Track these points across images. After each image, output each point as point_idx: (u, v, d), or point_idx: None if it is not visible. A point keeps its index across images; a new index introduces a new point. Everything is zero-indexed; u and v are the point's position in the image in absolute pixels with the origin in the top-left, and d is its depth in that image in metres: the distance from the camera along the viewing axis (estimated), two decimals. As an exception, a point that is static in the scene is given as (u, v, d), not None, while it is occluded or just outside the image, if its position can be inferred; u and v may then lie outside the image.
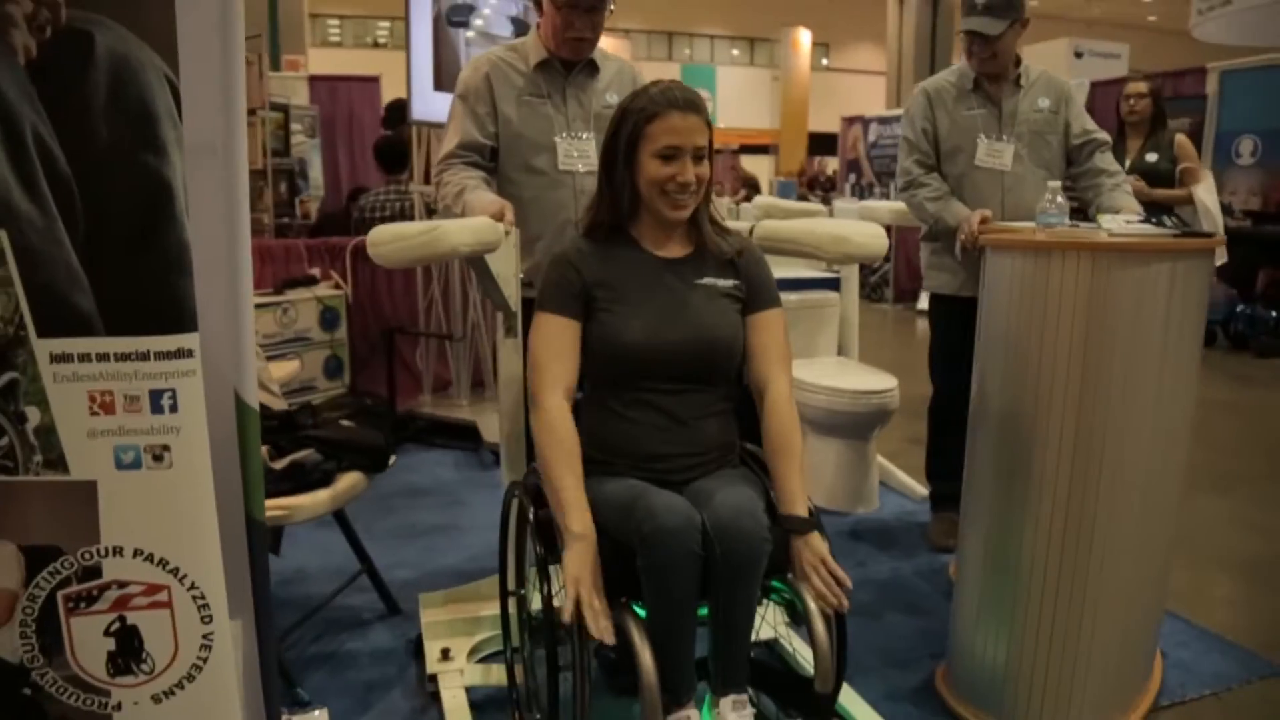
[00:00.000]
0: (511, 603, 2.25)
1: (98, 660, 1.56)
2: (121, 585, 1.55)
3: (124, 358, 1.47)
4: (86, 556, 1.53)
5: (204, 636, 1.60)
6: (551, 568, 1.78)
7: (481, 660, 2.71)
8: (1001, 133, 3.00)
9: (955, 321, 3.12)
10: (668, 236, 1.84)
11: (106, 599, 1.55)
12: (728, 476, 1.78)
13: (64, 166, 1.38)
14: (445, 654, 2.59)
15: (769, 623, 2.19)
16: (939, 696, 2.58)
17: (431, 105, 4.56)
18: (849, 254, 2.27)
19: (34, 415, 1.47)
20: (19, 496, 1.48)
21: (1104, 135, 3.07)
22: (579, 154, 2.31)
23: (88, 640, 1.55)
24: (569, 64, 2.45)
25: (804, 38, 22.00)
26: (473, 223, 1.98)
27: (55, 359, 1.45)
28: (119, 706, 1.58)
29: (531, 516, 1.87)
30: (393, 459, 2.70)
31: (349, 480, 2.62)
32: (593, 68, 2.46)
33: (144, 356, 1.47)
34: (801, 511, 1.73)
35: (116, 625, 1.56)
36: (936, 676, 2.69)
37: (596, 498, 1.82)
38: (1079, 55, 11.39)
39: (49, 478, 1.49)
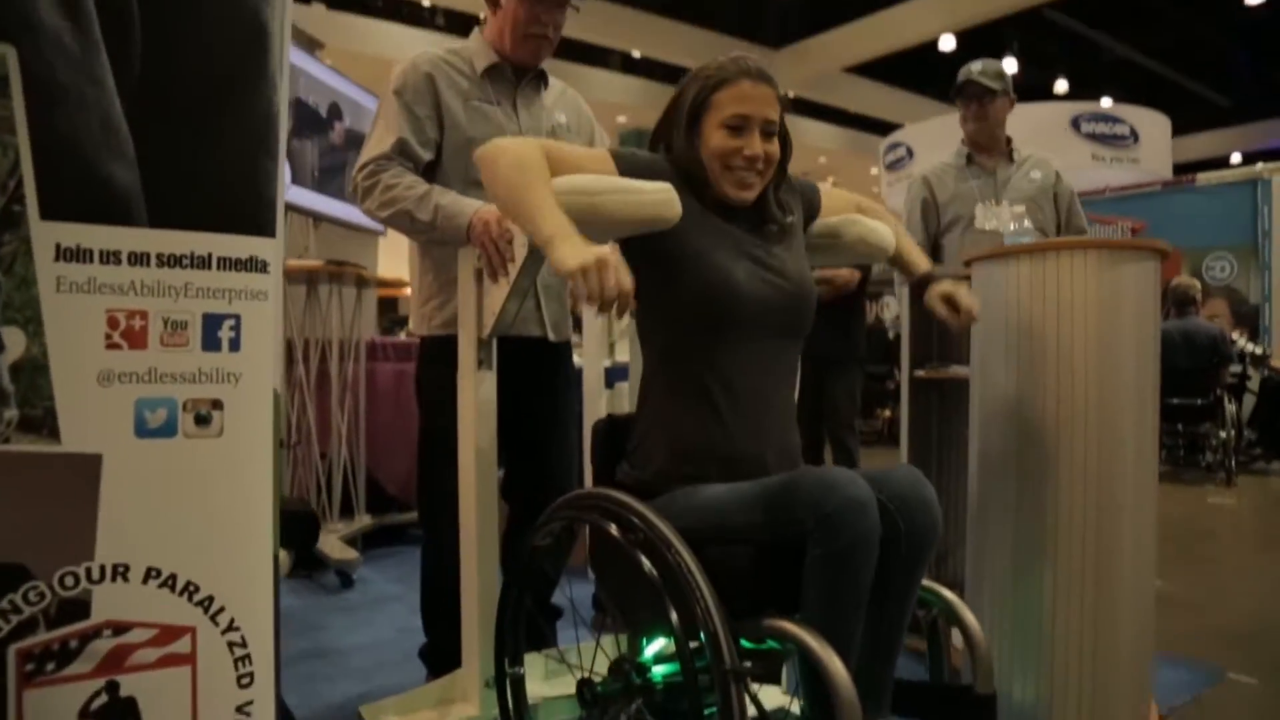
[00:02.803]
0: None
1: (58, 765, 0.96)
2: (118, 630, 0.98)
3: (172, 262, 0.98)
4: (66, 583, 0.96)
5: (240, 709, 1.04)
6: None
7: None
8: (998, 199, 3.13)
9: None
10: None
11: (92, 655, 0.97)
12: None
13: (121, -27, 0.95)
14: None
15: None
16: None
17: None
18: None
19: (15, 342, 0.92)
20: (-33, 477, 0.91)
21: (1084, 226, 3.30)
22: None
23: (48, 729, 0.95)
24: (519, 71, 2.21)
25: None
26: (643, 184, 1.50)
27: (64, 255, 0.94)
28: (83, 844, 0.97)
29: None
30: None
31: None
32: (541, 79, 2.25)
33: (203, 263, 1.00)
34: (931, 267, 1.94)
35: (102, 699, 0.98)
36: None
37: (700, 508, 1.48)
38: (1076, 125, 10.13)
39: (25, 447, 0.93)
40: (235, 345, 1.02)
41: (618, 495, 1.54)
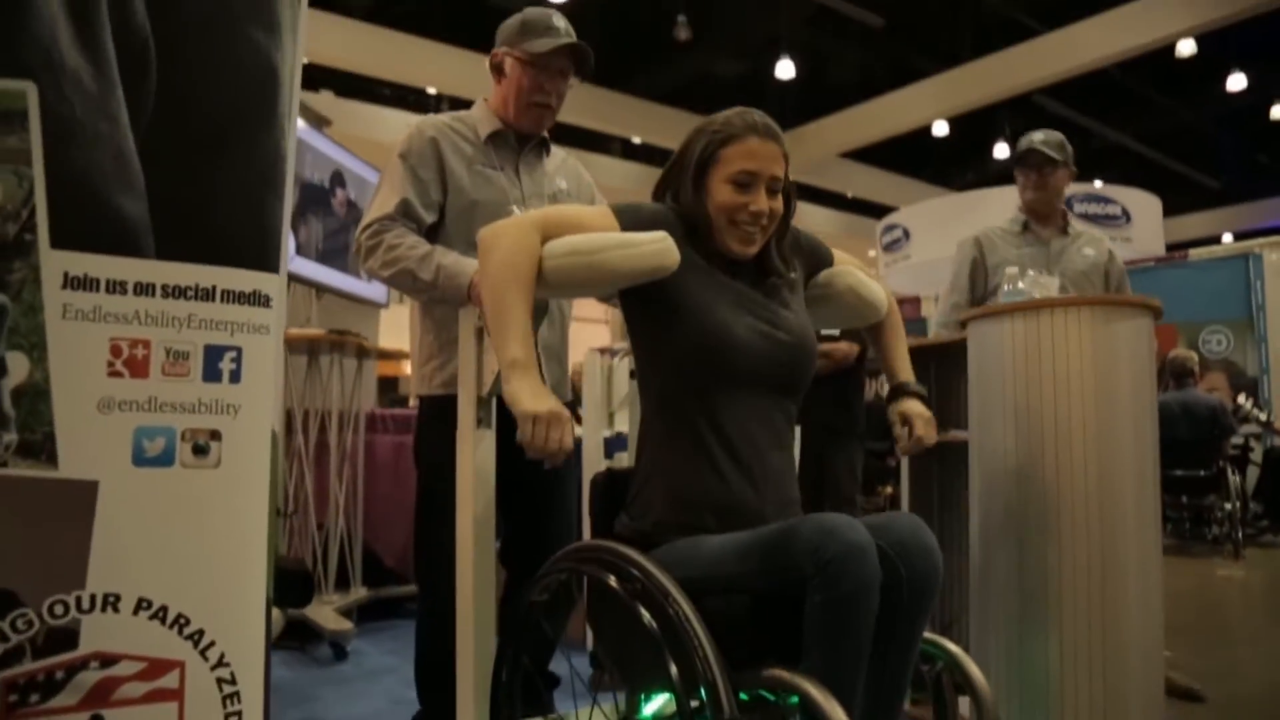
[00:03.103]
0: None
1: (37, 803, 0.93)
2: (106, 662, 0.96)
3: (176, 293, 1.00)
4: (57, 611, 0.95)
5: (225, 750, 1.02)
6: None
7: None
8: (1050, 269, 3.04)
9: None
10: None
11: (77, 687, 0.95)
12: None
13: (142, 20, 0.99)
14: None
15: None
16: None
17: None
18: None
19: (18, 367, 0.94)
20: (-37, 500, 0.91)
21: None
22: None
23: (28, 765, 0.93)
24: (522, 138, 2.28)
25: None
26: (642, 237, 1.55)
27: (71, 283, 0.96)
28: None
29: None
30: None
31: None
32: (544, 146, 2.31)
33: (206, 295, 1.02)
34: (910, 379, 1.86)
35: (84, 734, 0.96)
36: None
37: (699, 557, 1.46)
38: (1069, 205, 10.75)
39: (22, 471, 0.94)
40: (236, 377, 1.03)
41: (616, 546, 1.52)
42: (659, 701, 1.60)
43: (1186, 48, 8.00)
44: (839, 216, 13.47)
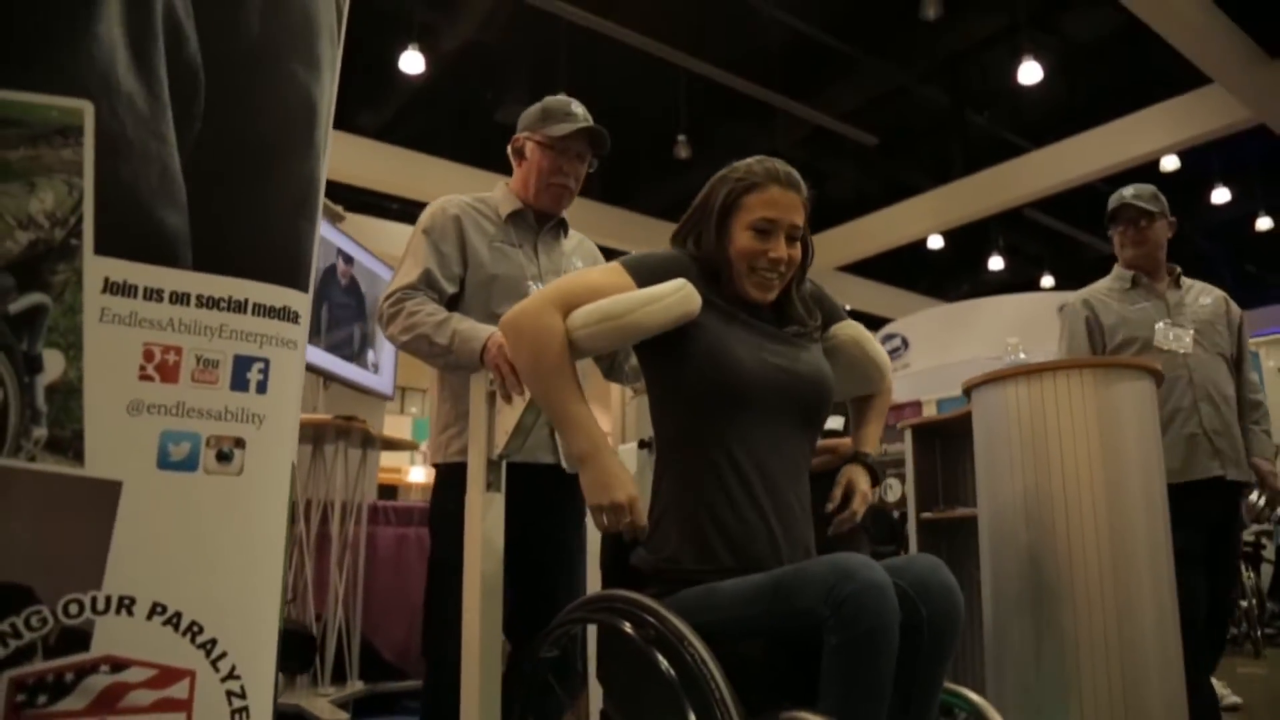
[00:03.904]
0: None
1: (35, 814, 0.90)
2: (116, 667, 0.95)
3: (210, 304, 1.04)
4: (72, 610, 0.94)
5: (231, 768, 0.99)
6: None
7: None
8: (1174, 321, 2.86)
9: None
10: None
11: (86, 691, 0.93)
12: None
13: (194, 50, 1.06)
14: None
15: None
16: None
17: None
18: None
19: (54, 364, 0.96)
20: (-11, 492, 0.92)
21: (1249, 361, 3.05)
22: None
23: (30, 771, 0.90)
24: (541, 218, 2.36)
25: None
26: (663, 290, 1.58)
27: (111, 288, 0.99)
28: None
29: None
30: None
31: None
32: (562, 227, 2.40)
33: (239, 307, 1.05)
34: (873, 452, 1.80)
35: (89, 742, 0.93)
36: None
37: (713, 604, 1.44)
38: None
39: (48, 467, 0.95)
40: (262, 388, 1.05)
41: (628, 594, 1.50)
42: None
43: (1170, 163, 8.32)
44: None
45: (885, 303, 11.56)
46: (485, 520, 1.88)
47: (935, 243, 10.12)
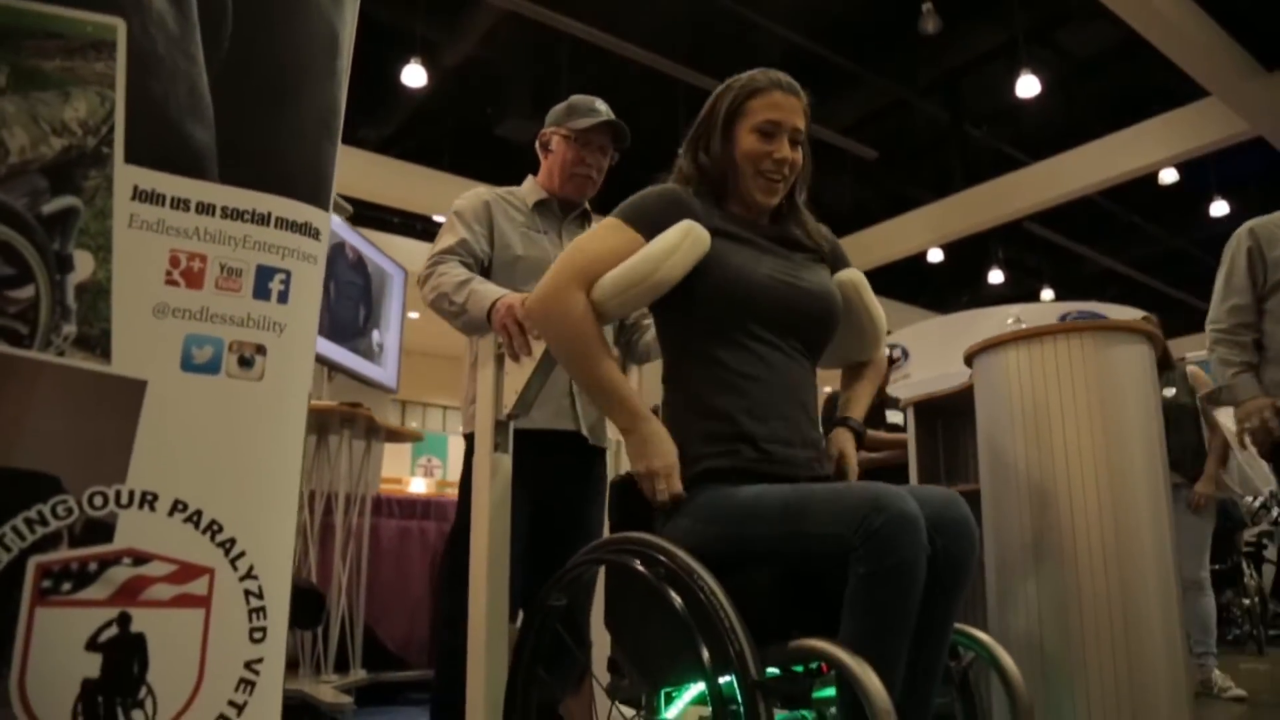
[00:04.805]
0: None
1: (60, 698, 0.92)
2: (139, 560, 0.97)
3: (235, 215, 1.07)
4: (96, 502, 0.96)
5: (250, 665, 1.00)
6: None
7: None
8: None
9: None
10: (759, 213, 1.71)
11: (109, 581, 0.95)
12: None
13: (221, -25, 1.10)
14: None
15: None
16: None
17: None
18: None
19: (84, 265, 0.99)
20: (19, 382, 0.95)
21: None
22: None
23: (56, 656, 0.92)
24: (565, 206, 2.43)
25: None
26: (674, 239, 1.58)
27: (139, 196, 1.02)
28: (70, 793, 0.91)
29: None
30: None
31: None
32: (586, 216, 2.47)
33: (262, 220, 1.08)
34: (860, 418, 1.80)
35: (112, 631, 0.95)
36: None
37: (737, 515, 1.43)
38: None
39: (77, 362, 0.97)
40: (284, 298, 1.08)
41: (638, 535, 1.51)
42: (682, 703, 1.55)
43: (1168, 176, 8.39)
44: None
45: (887, 316, 11.58)
46: (494, 480, 1.90)
47: (935, 256, 10.18)
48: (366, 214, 9.85)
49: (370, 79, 7.61)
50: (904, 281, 11.14)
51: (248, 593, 1.00)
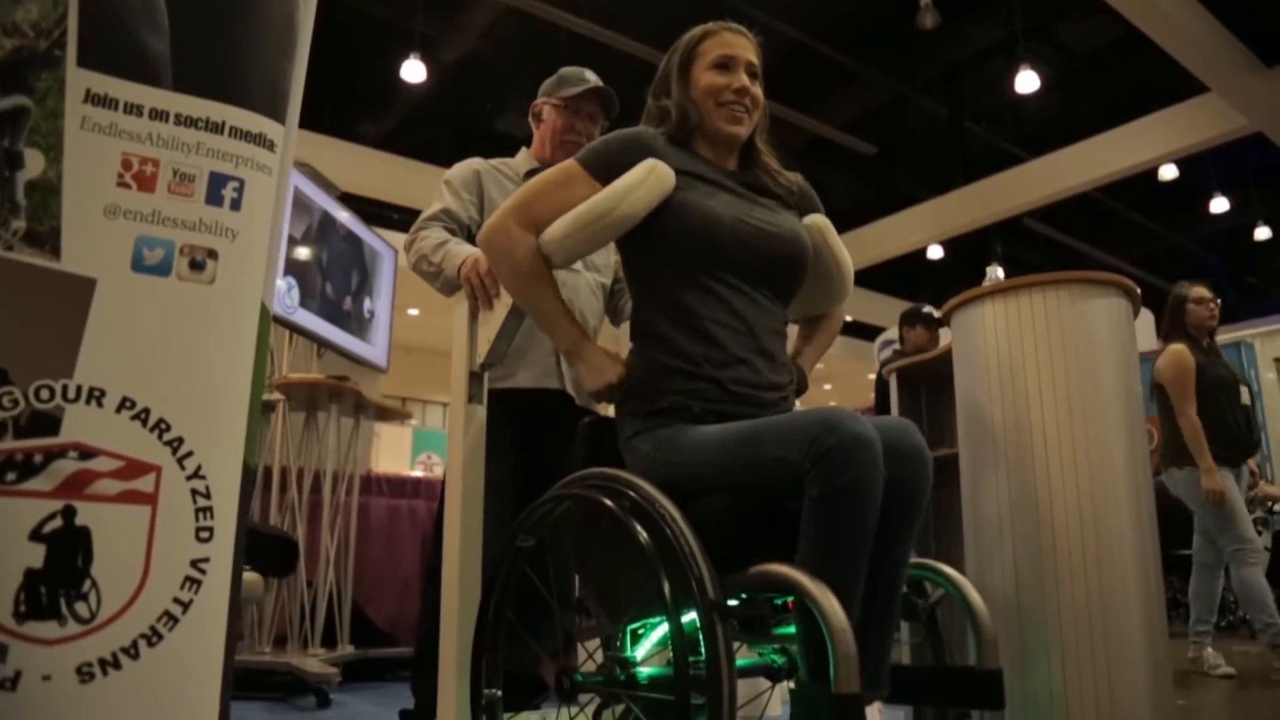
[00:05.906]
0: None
1: (3, 586, 0.92)
2: (85, 455, 0.97)
3: (188, 122, 1.07)
4: (43, 395, 0.97)
5: (195, 564, 1.00)
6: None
7: None
8: None
9: None
10: (727, 157, 1.71)
11: (54, 474, 0.96)
12: None
13: (177, -115, 1.11)
14: None
15: None
16: None
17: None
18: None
19: (34, 162, 0.99)
20: (-33, 275, 0.95)
21: None
22: None
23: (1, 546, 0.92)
24: None
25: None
26: (638, 175, 1.57)
27: (92, 99, 1.03)
28: (15, 682, 0.91)
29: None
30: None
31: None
32: None
33: (216, 128, 1.09)
34: (807, 373, 1.79)
35: (57, 523, 0.95)
36: None
37: (696, 446, 1.43)
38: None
39: (25, 258, 0.98)
40: (236, 205, 1.08)
41: (604, 470, 1.51)
42: (649, 643, 1.55)
43: (1168, 172, 8.37)
44: (840, 341, 13.69)
45: (885, 313, 11.57)
46: (467, 430, 1.90)
47: (935, 252, 10.18)
48: (366, 209, 9.88)
49: (370, 75, 7.65)
50: (903, 278, 11.15)
51: (194, 492, 1.00)
